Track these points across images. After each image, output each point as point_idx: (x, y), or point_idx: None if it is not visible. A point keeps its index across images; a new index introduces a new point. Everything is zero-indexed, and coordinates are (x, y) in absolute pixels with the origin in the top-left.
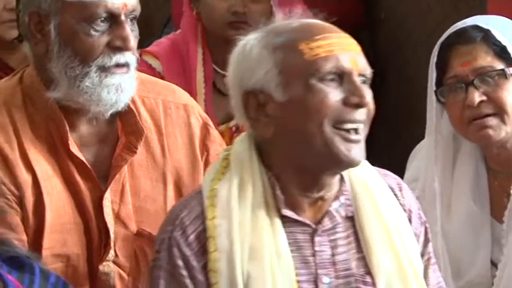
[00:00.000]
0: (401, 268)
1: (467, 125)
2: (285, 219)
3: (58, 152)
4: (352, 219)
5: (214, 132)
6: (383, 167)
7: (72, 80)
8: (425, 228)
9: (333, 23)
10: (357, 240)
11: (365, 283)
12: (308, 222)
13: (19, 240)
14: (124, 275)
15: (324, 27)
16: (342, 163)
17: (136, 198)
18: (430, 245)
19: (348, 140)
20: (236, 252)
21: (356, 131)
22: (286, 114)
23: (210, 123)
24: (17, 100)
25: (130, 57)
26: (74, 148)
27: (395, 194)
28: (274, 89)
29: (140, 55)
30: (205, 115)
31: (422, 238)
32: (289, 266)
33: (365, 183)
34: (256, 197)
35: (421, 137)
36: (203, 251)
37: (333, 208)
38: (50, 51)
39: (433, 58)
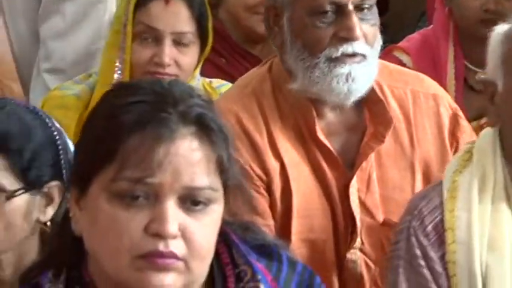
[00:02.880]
0: None
1: None
2: None
3: (305, 140)
4: None
5: (464, 123)
6: None
7: (304, 71)
8: None
9: None
10: None
11: None
12: None
13: (266, 226)
14: (370, 263)
15: None
16: None
17: (384, 188)
18: None
19: None
20: (475, 244)
21: None
22: (506, 103)
23: (460, 113)
24: (266, 88)
25: (359, 46)
26: (321, 136)
27: None
28: (498, 79)
29: (391, 50)
30: (455, 105)
31: None
32: None
33: None
34: (497, 190)
35: None
36: (440, 241)
37: None
38: (284, 44)
39: None
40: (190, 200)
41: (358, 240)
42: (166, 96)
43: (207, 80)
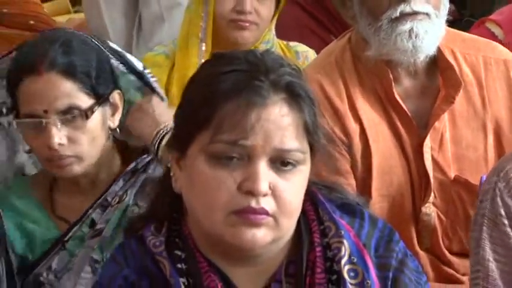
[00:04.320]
0: None
1: None
2: None
3: (382, 103)
4: None
5: None
6: None
7: (373, 35)
8: None
9: None
10: None
11: None
12: None
13: (348, 185)
14: (442, 217)
15: None
16: None
17: (458, 147)
18: None
19: None
20: None
21: None
22: None
23: None
24: (346, 57)
25: (417, 5)
26: (399, 99)
27: None
28: None
29: (483, 22)
30: None
31: None
32: None
33: None
34: None
35: None
36: None
37: None
38: (356, 15)
39: None
40: (280, 161)
41: (432, 195)
42: (258, 66)
43: (284, 41)
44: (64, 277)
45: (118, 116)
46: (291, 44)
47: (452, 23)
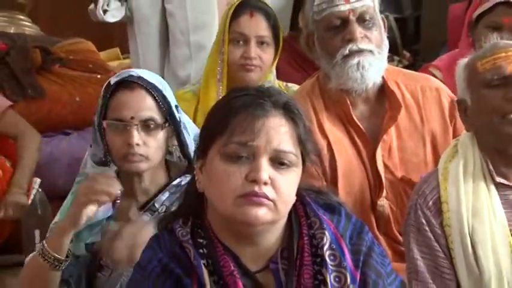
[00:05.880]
0: None
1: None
2: (498, 186)
3: (344, 123)
4: None
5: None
6: None
7: (332, 70)
8: None
9: None
10: None
11: None
12: None
13: (321, 186)
14: (393, 207)
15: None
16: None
17: (403, 154)
18: None
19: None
20: (463, 212)
21: None
22: (475, 113)
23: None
24: (315, 90)
25: (363, 45)
26: (356, 120)
27: None
28: (467, 97)
29: (428, 67)
30: (452, 95)
31: None
32: (503, 219)
33: None
34: (476, 172)
35: None
36: (438, 212)
37: None
38: (319, 56)
39: None
40: (278, 162)
41: (384, 191)
42: (263, 92)
43: (283, 82)
44: None
45: (171, 141)
46: (289, 84)
47: (408, 66)
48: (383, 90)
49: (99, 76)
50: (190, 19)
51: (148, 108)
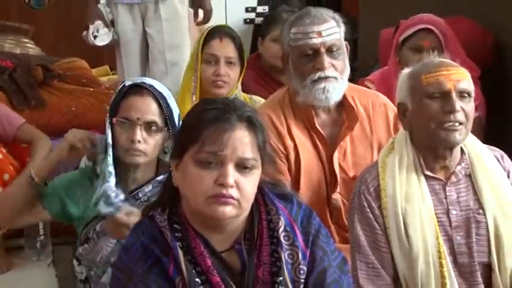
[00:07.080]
0: (501, 205)
1: None
2: (427, 177)
3: (308, 129)
4: (469, 176)
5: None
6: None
7: (301, 89)
8: None
9: None
10: (473, 188)
11: (479, 214)
12: (441, 178)
13: (286, 180)
14: (345, 201)
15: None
16: (442, 144)
17: (355, 157)
18: None
19: (448, 130)
20: (398, 197)
21: (454, 125)
22: (413, 117)
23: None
24: (286, 100)
25: (329, 72)
26: (319, 127)
27: (498, 160)
28: (408, 102)
29: (364, 80)
30: (396, 111)
31: None
32: (430, 204)
33: (477, 153)
34: (409, 164)
35: None
36: (377, 197)
37: (457, 169)
38: (291, 74)
39: None
40: (242, 166)
41: (338, 187)
42: (229, 105)
43: (248, 95)
44: (102, 238)
45: (166, 144)
46: (253, 97)
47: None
48: (342, 103)
49: (91, 89)
50: (166, 41)
51: (153, 112)
